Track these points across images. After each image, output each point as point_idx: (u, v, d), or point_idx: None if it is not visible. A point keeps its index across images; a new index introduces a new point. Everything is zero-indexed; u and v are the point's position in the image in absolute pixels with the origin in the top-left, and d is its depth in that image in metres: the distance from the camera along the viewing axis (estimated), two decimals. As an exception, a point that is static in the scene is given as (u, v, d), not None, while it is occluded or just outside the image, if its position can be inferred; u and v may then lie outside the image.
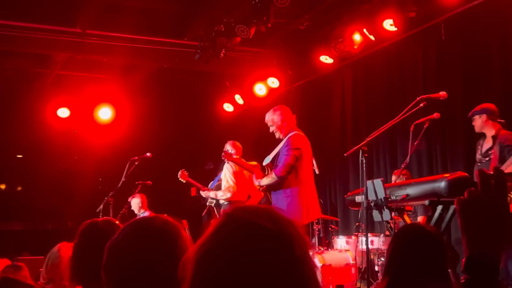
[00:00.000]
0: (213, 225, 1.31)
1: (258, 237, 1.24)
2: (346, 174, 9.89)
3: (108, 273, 1.92)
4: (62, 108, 11.97)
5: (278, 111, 6.73)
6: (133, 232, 1.96)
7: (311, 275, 1.26)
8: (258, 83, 10.88)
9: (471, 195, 1.43)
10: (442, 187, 4.49)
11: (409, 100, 8.36)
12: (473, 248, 1.40)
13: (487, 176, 1.43)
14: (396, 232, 2.94)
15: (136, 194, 9.91)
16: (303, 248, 1.27)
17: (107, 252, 1.94)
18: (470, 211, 1.42)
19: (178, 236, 1.97)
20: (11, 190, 14.46)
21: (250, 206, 1.33)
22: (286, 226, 1.28)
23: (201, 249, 1.27)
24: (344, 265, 7.86)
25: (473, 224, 1.41)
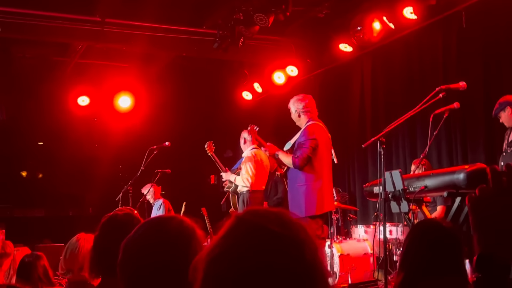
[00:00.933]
0: (224, 227, 1.31)
1: (267, 241, 1.24)
2: (365, 163, 9.86)
3: (122, 271, 1.94)
4: (82, 96, 12.07)
5: (302, 100, 6.73)
6: (148, 232, 1.98)
7: (322, 280, 1.26)
8: (277, 71, 10.85)
9: (483, 192, 1.42)
10: (461, 179, 4.45)
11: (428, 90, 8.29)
12: (484, 246, 1.39)
13: (498, 173, 1.41)
14: (412, 227, 2.94)
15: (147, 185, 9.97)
16: (314, 253, 1.27)
17: (122, 250, 1.96)
18: (481, 209, 1.41)
19: (192, 237, 1.98)
20: (33, 177, 14.63)
21: (261, 209, 1.32)
22: (297, 230, 1.27)
23: (211, 251, 1.28)
24: (363, 254, 7.86)
25: (484, 221, 1.40)
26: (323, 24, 9.61)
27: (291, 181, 6.68)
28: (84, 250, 3.77)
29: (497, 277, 1.36)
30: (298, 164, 6.32)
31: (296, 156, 6.34)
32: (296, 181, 6.50)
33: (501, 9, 7.54)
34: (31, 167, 14.61)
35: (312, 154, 6.36)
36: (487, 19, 7.77)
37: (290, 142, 6.74)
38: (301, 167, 6.33)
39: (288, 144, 6.78)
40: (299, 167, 6.33)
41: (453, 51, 8.26)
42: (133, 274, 1.92)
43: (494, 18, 7.67)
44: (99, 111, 12.56)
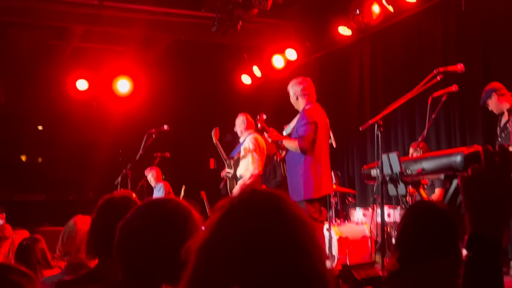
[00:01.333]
0: (217, 209, 1.32)
1: (260, 220, 1.25)
2: (363, 146, 9.87)
3: (119, 252, 1.95)
4: (81, 80, 12.05)
5: (300, 83, 6.73)
6: (145, 213, 1.99)
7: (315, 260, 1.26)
8: (276, 55, 10.83)
9: (475, 173, 1.42)
10: (458, 161, 4.45)
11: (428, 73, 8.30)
12: (475, 226, 1.39)
13: (491, 153, 1.41)
14: (407, 209, 2.94)
15: (150, 168, 10.01)
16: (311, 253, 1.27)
17: (119, 230, 1.97)
18: (473, 188, 1.41)
19: (188, 219, 1.99)
20: (32, 161, 14.66)
21: (257, 197, 1.32)
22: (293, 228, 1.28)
23: (201, 246, 1.29)
24: (361, 237, 7.89)
25: (476, 201, 1.40)
26: (322, 7, 9.57)
27: (289, 165, 6.69)
28: (82, 232, 3.77)
29: (488, 257, 1.37)
30: (305, 147, 6.33)
31: (301, 140, 6.35)
32: (295, 165, 6.52)
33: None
34: (30, 151, 14.63)
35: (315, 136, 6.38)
36: (486, 2, 7.74)
37: (290, 126, 6.74)
38: (307, 150, 6.34)
39: (287, 128, 6.78)
40: (305, 151, 6.34)
41: (452, 34, 8.24)
42: (129, 255, 1.93)
43: (493, 1, 7.64)
44: (98, 95, 12.55)
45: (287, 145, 6.57)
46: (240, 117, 8.49)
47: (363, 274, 4.02)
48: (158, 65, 11.97)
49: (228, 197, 1.34)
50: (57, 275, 3.58)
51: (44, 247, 4.58)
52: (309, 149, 6.35)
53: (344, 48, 10.17)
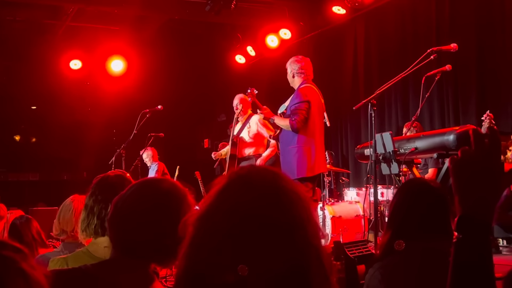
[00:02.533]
0: (214, 193, 1.33)
1: (258, 195, 1.28)
2: (357, 126, 9.88)
3: (111, 227, 1.96)
4: (74, 60, 12.00)
5: (298, 61, 6.71)
6: (140, 190, 2.00)
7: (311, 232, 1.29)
8: (270, 34, 10.79)
9: (465, 154, 1.42)
10: (450, 140, 4.47)
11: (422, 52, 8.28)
12: (465, 207, 1.39)
13: (481, 135, 1.42)
14: (400, 187, 2.95)
15: (147, 147, 10.00)
16: (307, 230, 1.29)
17: (113, 206, 1.98)
18: (463, 170, 1.41)
19: (183, 200, 2.01)
20: (26, 141, 14.62)
21: (255, 177, 1.33)
22: (290, 204, 1.30)
23: (202, 207, 1.31)
24: (354, 216, 7.93)
25: (466, 183, 1.40)
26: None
27: (283, 143, 6.70)
28: (78, 211, 3.79)
29: (478, 238, 1.37)
30: (296, 126, 6.32)
31: (293, 119, 6.35)
32: (288, 144, 6.53)
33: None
34: (24, 131, 14.60)
35: (307, 115, 6.38)
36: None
37: (285, 105, 6.74)
38: (299, 129, 6.34)
39: (282, 107, 6.78)
40: (296, 129, 6.34)
41: (446, 14, 8.23)
42: (121, 231, 1.94)
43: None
44: (92, 75, 12.50)
45: (279, 123, 6.57)
46: (239, 96, 8.39)
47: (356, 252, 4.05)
48: (152, 45, 11.92)
49: (229, 172, 1.37)
50: (53, 253, 3.60)
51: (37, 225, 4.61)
52: (300, 128, 6.34)
53: (338, 27, 10.15)
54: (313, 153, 6.40)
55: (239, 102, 8.29)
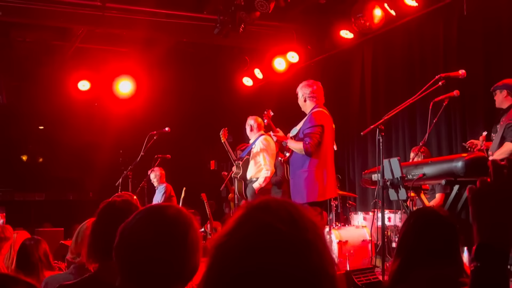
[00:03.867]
0: (233, 219, 1.34)
1: (274, 240, 1.26)
2: (365, 150, 9.86)
3: (118, 255, 1.96)
4: (83, 81, 12.08)
5: (310, 85, 6.75)
6: (146, 218, 2.00)
7: (328, 282, 1.28)
8: (277, 57, 10.83)
9: (483, 185, 1.45)
10: (459, 167, 4.47)
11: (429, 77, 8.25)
12: (483, 236, 1.42)
13: (499, 165, 1.45)
14: (409, 215, 2.94)
15: (155, 167, 10.01)
16: (322, 254, 1.29)
17: (119, 235, 1.97)
18: (481, 200, 1.45)
19: (189, 226, 2.00)
20: (33, 161, 14.67)
21: (273, 204, 1.34)
22: (306, 230, 1.29)
23: (219, 241, 1.31)
24: (361, 241, 7.88)
25: (484, 212, 1.43)
26: (324, 10, 9.58)
27: (293, 166, 6.70)
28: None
29: (496, 266, 1.39)
30: (310, 150, 6.34)
31: (307, 143, 6.36)
32: (300, 167, 6.53)
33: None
34: (31, 151, 14.66)
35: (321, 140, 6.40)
36: (488, 6, 7.74)
37: (296, 128, 6.76)
38: (312, 153, 6.36)
39: (294, 130, 6.80)
40: (310, 153, 6.36)
41: (454, 39, 8.24)
42: (128, 259, 1.94)
43: (495, 6, 7.64)
44: (100, 96, 12.57)
45: (292, 146, 6.58)
46: (251, 118, 8.52)
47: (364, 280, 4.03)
48: (160, 67, 11.99)
49: (246, 202, 1.39)
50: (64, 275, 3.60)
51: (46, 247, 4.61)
52: (314, 152, 6.36)
53: (345, 51, 10.18)
54: (325, 178, 6.40)
55: (254, 122, 8.42)
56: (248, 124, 8.55)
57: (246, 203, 1.38)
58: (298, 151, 6.50)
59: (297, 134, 6.68)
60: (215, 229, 11.05)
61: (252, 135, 8.55)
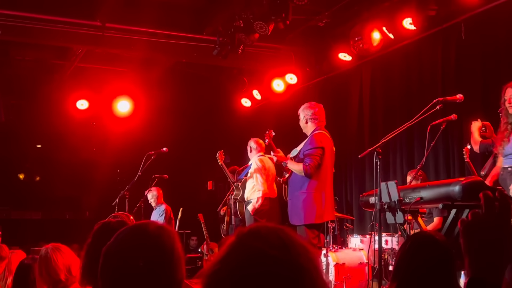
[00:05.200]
0: (225, 247, 1.34)
1: (266, 267, 1.26)
2: (362, 172, 9.86)
3: (102, 275, 1.93)
4: (81, 100, 12.09)
5: (311, 107, 6.80)
6: (127, 237, 1.98)
7: None
8: (276, 79, 10.87)
9: (475, 217, 1.44)
10: (456, 191, 4.45)
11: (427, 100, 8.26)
12: (475, 270, 1.40)
13: (491, 198, 1.43)
14: (405, 240, 2.93)
15: (152, 187, 9.98)
16: (315, 279, 1.28)
17: (103, 256, 1.95)
18: (473, 233, 1.43)
19: (173, 240, 1.98)
20: (30, 179, 14.63)
21: (264, 230, 1.34)
22: (298, 255, 1.30)
23: (211, 270, 1.31)
24: (358, 264, 7.85)
25: (476, 245, 1.42)
26: (323, 33, 9.64)
27: (292, 188, 6.69)
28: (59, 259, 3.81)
29: None
30: (309, 171, 6.35)
31: (306, 164, 6.37)
32: (298, 188, 6.53)
33: (499, 22, 7.57)
34: (28, 169, 14.62)
35: (321, 162, 6.41)
36: (486, 31, 7.79)
37: (297, 149, 6.77)
38: (312, 175, 6.36)
39: (294, 151, 6.81)
40: (309, 175, 6.36)
41: (452, 62, 8.28)
42: (112, 279, 1.92)
43: (493, 30, 7.69)
44: (98, 115, 12.57)
45: (292, 167, 6.58)
46: (251, 140, 8.59)
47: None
48: (159, 87, 12.02)
49: (238, 229, 1.39)
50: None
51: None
52: (313, 174, 6.36)
53: (344, 73, 10.23)
54: (323, 200, 6.40)
55: (254, 143, 8.47)
56: (248, 146, 8.61)
57: (237, 230, 1.38)
58: (297, 172, 6.50)
59: (297, 155, 6.69)
60: (211, 250, 11.00)
61: (251, 156, 8.61)
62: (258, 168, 8.28)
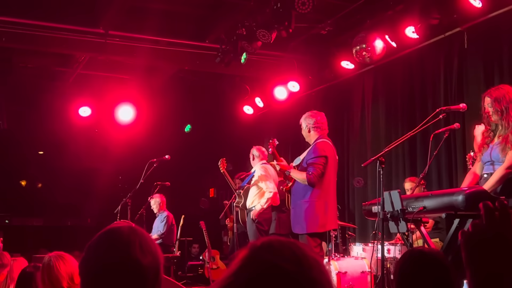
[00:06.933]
0: (238, 260, 1.34)
1: (279, 280, 1.27)
2: (364, 180, 9.84)
3: (80, 269, 1.96)
4: (84, 107, 12.11)
5: (313, 116, 6.80)
6: (102, 235, 1.99)
7: None
8: (278, 86, 10.88)
9: (476, 228, 1.42)
10: (459, 200, 4.44)
11: (429, 108, 8.32)
12: (477, 282, 1.39)
13: (491, 209, 1.42)
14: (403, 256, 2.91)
15: (156, 194, 9.99)
16: (322, 274, 1.30)
17: (85, 251, 1.97)
18: (474, 244, 1.41)
19: (137, 239, 1.98)
20: (32, 186, 14.63)
21: (276, 243, 1.35)
22: (310, 268, 1.30)
23: (224, 283, 1.32)
24: (360, 272, 7.82)
25: (477, 257, 1.40)
26: (325, 41, 9.66)
27: (295, 196, 6.70)
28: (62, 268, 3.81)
29: None
30: (312, 180, 6.35)
31: (310, 173, 6.38)
32: (301, 197, 6.53)
33: (502, 31, 7.57)
34: (30, 176, 14.62)
35: (324, 170, 6.40)
36: (488, 40, 7.78)
37: (300, 158, 6.77)
38: (315, 184, 6.37)
39: (297, 160, 6.81)
40: (313, 184, 6.37)
41: (455, 71, 8.27)
42: (89, 272, 1.93)
43: (496, 39, 7.68)
44: (100, 122, 12.59)
45: (295, 176, 6.58)
46: (254, 148, 8.62)
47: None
48: (161, 94, 12.03)
49: (250, 242, 1.40)
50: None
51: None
52: (316, 182, 6.36)
53: (346, 81, 10.23)
54: (326, 209, 6.40)
55: (257, 151, 8.50)
56: (251, 154, 8.64)
57: (249, 243, 1.39)
58: (300, 181, 6.50)
59: (300, 163, 6.68)
60: (213, 258, 10.99)
61: (253, 164, 8.64)
62: (263, 175, 8.30)
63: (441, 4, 7.70)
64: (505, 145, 5.03)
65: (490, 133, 5.33)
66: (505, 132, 5.11)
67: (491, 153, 5.18)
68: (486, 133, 5.37)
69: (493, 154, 5.15)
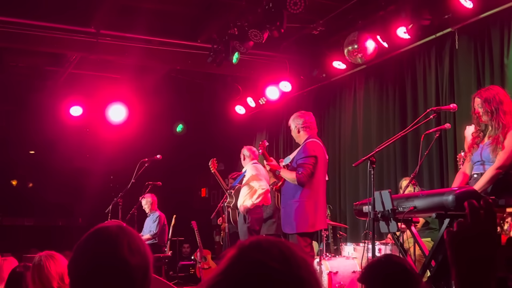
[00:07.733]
0: (226, 259, 1.34)
1: (267, 279, 1.27)
2: (356, 181, 9.85)
3: (68, 268, 1.95)
4: (75, 107, 12.07)
5: (301, 116, 6.81)
6: (90, 234, 1.98)
7: None
8: (270, 86, 10.88)
9: (461, 227, 1.42)
10: (449, 200, 4.46)
11: (421, 108, 8.34)
12: (463, 281, 1.39)
13: (476, 207, 1.42)
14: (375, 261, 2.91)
15: (147, 194, 9.98)
16: (310, 274, 1.30)
17: (73, 268, 1.96)
18: (459, 243, 1.41)
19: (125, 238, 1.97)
20: (23, 186, 14.58)
21: (265, 243, 1.35)
22: (298, 267, 1.30)
23: (212, 281, 1.32)
24: (351, 272, 7.83)
25: (463, 256, 1.40)
26: (317, 41, 9.66)
27: (285, 196, 6.70)
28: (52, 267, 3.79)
29: None
30: (302, 180, 6.37)
31: (299, 173, 6.39)
32: (291, 197, 6.54)
33: (493, 31, 7.59)
34: (21, 176, 14.57)
35: (314, 170, 6.42)
36: (479, 40, 7.81)
37: (289, 157, 6.78)
38: (305, 183, 6.39)
39: (287, 159, 6.82)
40: (302, 183, 6.39)
41: (446, 71, 8.30)
42: (77, 272, 1.92)
43: (487, 39, 7.71)
44: (92, 122, 12.57)
45: (285, 175, 6.59)
46: (245, 148, 8.64)
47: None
48: (153, 93, 12.00)
49: (238, 241, 1.40)
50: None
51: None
52: (306, 182, 6.37)
53: (338, 81, 10.25)
54: (316, 209, 6.42)
55: (247, 151, 8.54)
56: (241, 154, 8.66)
57: (238, 242, 1.39)
58: (290, 180, 6.51)
59: (290, 163, 6.69)
60: (204, 258, 10.98)
61: (244, 164, 8.65)
62: (255, 175, 8.32)
63: (433, 4, 7.73)
64: (496, 145, 5.06)
65: (480, 133, 5.36)
66: (495, 133, 5.13)
67: (482, 153, 5.20)
68: (476, 133, 5.39)
69: (484, 154, 5.18)
